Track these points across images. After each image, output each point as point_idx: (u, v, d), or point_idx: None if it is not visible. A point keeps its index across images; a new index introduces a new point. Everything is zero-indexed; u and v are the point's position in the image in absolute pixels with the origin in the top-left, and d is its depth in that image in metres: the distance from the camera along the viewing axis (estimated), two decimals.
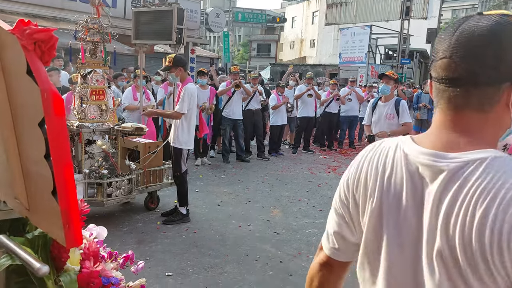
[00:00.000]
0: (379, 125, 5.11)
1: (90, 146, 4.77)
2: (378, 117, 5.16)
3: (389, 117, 5.01)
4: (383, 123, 5.07)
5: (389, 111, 5.06)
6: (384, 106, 5.15)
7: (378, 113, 5.17)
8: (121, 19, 13.62)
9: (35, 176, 0.99)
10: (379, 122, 5.13)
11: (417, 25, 27.88)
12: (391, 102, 5.12)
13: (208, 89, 8.13)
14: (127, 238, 4.50)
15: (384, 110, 5.11)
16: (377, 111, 5.19)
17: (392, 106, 5.08)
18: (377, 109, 5.20)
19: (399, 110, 5.01)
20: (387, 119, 5.04)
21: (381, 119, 5.11)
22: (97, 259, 1.23)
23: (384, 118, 5.06)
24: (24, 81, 0.90)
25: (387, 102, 5.15)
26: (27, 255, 0.99)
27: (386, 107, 5.11)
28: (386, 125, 5.03)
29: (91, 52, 4.78)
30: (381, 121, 5.10)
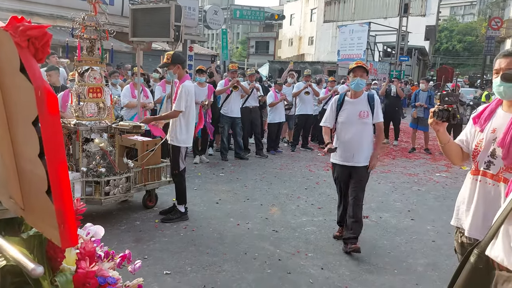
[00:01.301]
0: (350, 126, 4.28)
1: (87, 144, 4.75)
2: (347, 117, 4.30)
3: (363, 115, 4.25)
4: (355, 123, 4.26)
5: (362, 108, 4.28)
6: (354, 103, 4.31)
7: (348, 112, 4.31)
8: (119, 17, 13.59)
9: (30, 175, 0.97)
10: (350, 122, 4.28)
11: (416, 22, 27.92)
12: (363, 97, 4.33)
13: (206, 87, 8.10)
14: (125, 236, 4.48)
15: (355, 108, 4.28)
16: (346, 110, 4.32)
17: (365, 102, 4.30)
18: (345, 107, 4.33)
19: (374, 106, 4.30)
20: (360, 117, 4.26)
21: (352, 119, 4.27)
22: (93, 259, 1.22)
23: (357, 117, 4.26)
24: (18, 78, 0.88)
25: (357, 99, 4.32)
26: (22, 256, 0.97)
27: (358, 104, 4.29)
28: (359, 125, 4.26)
29: (88, 49, 4.75)
30: (352, 121, 4.27)
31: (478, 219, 2.22)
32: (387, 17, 28.55)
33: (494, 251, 1.68)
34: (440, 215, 5.63)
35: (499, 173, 2.14)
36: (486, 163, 2.20)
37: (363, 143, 4.27)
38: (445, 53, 56.90)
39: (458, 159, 2.45)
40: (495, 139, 2.18)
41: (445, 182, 7.51)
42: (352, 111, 4.28)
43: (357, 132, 4.24)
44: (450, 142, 2.41)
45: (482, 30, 49.25)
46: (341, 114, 4.33)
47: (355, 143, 4.24)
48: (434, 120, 2.29)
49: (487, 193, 2.19)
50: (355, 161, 4.26)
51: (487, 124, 2.25)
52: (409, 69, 27.91)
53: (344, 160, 4.30)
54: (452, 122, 2.29)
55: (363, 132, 4.27)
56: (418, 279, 3.84)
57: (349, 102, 4.34)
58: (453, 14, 68.62)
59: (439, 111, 2.26)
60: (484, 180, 2.20)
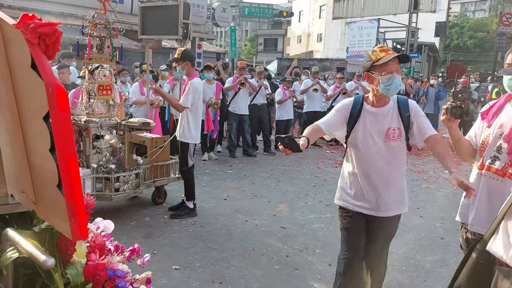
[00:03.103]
0: (371, 152, 2.61)
1: (98, 141, 4.80)
2: (366, 137, 2.61)
3: (392, 134, 2.57)
4: (379, 147, 2.59)
5: (391, 123, 2.58)
6: (378, 114, 2.62)
7: (367, 129, 2.61)
8: (128, 15, 13.66)
9: (41, 169, 1.00)
10: (370, 146, 2.61)
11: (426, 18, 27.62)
12: (391, 106, 2.62)
13: (214, 84, 8.13)
14: (135, 232, 4.53)
15: (380, 123, 2.60)
16: (364, 125, 2.62)
17: (394, 113, 2.60)
18: (362, 121, 2.63)
19: (411, 119, 2.58)
20: (387, 139, 2.57)
21: (374, 141, 2.60)
22: (103, 252, 1.24)
23: (383, 138, 2.58)
24: (29, 75, 0.90)
25: (383, 108, 2.61)
26: (34, 248, 1.00)
27: (383, 116, 2.61)
28: (386, 152, 2.59)
29: (98, 47, 4.79)
30: (374, 144, 2.60)
31: (482, 214, 2.22)
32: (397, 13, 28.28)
33: (494, 246, 1.69)
34: (449, 212, 5.59)
35: (504, 168, 2.14)
36: (491, 158, 2.20)
37: (394, 179, 2.63)
38: (456, 50, 56.29)
39: (469, 155, 2.44)
40: (501, 134, 2.17)
41: None
42: (374, 128, 2.57)
43: (383, 162, 2.58)
44: (462, 139, 2.41)
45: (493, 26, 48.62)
46: (355, 131, 2.62)
47: (380, 180, 2.61)
48: (446, 116, 2.29)
49: (491, 188, 2.19)
50: (382, 209, 2.64)
51: (494, 120, 2.25)
52: (419, 65, 27.66)
53: (361, 206, 2.67)
54: (465, 119, 2.28)
55: (393, 161, 2.60)
56: (426, 276, 3.84)
57: (369, 113, 2.60)
58: (464, 10, 67.80)
59: (452, 108, 2.26)
60: (489, 175, 2.20)
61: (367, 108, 2.64)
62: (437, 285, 3.69)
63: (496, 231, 1.69)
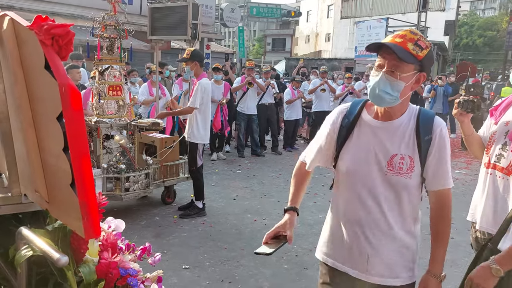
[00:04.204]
0: (363, 186, 1.76)
1: (108, 141, 4.84)
2: (357, 162, 1.77)
3: (397, 165, 1.70)
4: (376, 180, 1.74)
5: (398, 147, 1.72)
6: (381, 131, 1.76)
7: (361, 151, 1.77)
8: (137, 16, 13.75)
9: (54, 169, 1.01)
10: (362, 176, 1.76)
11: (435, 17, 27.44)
12: (404, 121, 1.75)
13: (222, 85, 8.15)
14: (145, 231, 4.56)
15: (380, 144, 1.74)
16: (358, 145, 1.78)
17: (408, 132, 1.73)
18: (356, 137, 1.80)
19: (432, 147, 1.71)
20: (391, 170, 1.71)
21: (369, 170, 1.74)
22: (115, 250, 1.26)
23: (385, 168, 1.72)
24: (43, 75, 0.92)
25: (390, 122, 1.76)
26: (47, 246, 1.01)
27: (388, 135, 1.74)
28: (385, 189, 1.74)
29: (108, 48, 4.83)
30: (369, 174, 1.74)
31: (489, 213, 2.20)
32: (406, 12, 28.12)
33: (506, 245, 1.67)
34: (459, 212, 5.54)
35: (510, 166, 2.11)
36: (497, 156, 2.17)
37: (395, 233, 1.77)
38: (465, 49, 55.81)
39: (481, 152, 2.42)
40: (507, 132, 2.15)
41: (465, 179, 7.39)
42: (371, 151, 1.74)
43: (380, 207, 1.74)
44: (474, 134, 2.39)
45: (503, 25, 48.11)
46: (344, 152, 1.80)
47: (374, 231, 1.77)
48: (458, 110, 2.27)
49: (496, 187, 2.16)
50: (375, 272, 1.79)
51: (501, 117, 2.23)
52: None
53: (347, 265, 1.85)
54: (476, 114, 2.26)
55: (396, 208, 1.75)
56: None
57: (368, 127, 1.78)
58: (474, 8, 67.23)
59: (464, 102, 2.24)
60: (494, 173, 2.17)
61: (366, 120, 1.76)
62: (447, 285, 3.65)
63: (507, 230, 1.68)
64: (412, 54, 1.60)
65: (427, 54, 1.63)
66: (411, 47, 1.60)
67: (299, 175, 2.07)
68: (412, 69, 1.63)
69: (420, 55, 1.61)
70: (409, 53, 1.60)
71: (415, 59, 1.61)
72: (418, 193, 1.78)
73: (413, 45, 1.61)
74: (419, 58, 1.61)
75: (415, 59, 1.61)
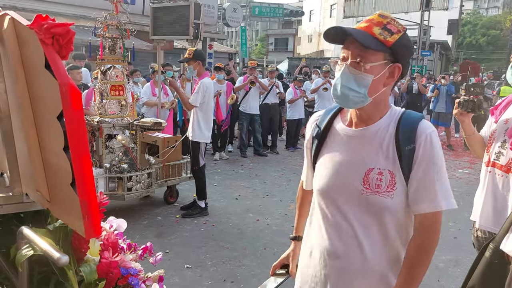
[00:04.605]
0: (330, 213, 1.48)
1: (110, 141, 4.85)
2: (327, 177, 1.47)
3: (377, 184, 1.38)
4: (351, 201, 1.42)
5: (378, 161, 1.39)
6: (354, 140, 1.45)
7: (334, 163, 1.46)
8: (140, 16, 13.77)
9: (55, 168, 1.01)
10: (332, 197, 1.46)
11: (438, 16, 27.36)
12: (382, 127, 1.42)
13: (225, 84, 8.16)
14: (147, 231, 4.56)
15: (353, 156, 1.43)
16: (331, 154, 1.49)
17: (386, 141, 1.39)
18: (328, 147, 1.52)
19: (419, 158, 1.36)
20: (368, 190, 1.38)
21: (343, 190, 1.44)
22: (116, 250, 1.26)
23: (360, 186, 1.40)
24: (43, 75, 0.92)
25: (365, 128, 1.43)
26: (48, 246, 1.01)
27: (363, 146, 1.42)
28: (361, 211, 1.42)
29: (110, 48, 4.84)
30: (342, 194, 1.44)
31: (489, 211, 2.20)
32: (408, 11, 28.07)
33: (508, 245, 1.67)
34: (463, 212, 5.52)
35: (509, 163, 2.11)
36: (496, 154, 2.18)
37: (372, 267, 1.42)
38: (468, 48, 55.65)
39: (483, 151, 2.42)
40: (506, 129, 2.15)
41: (469, 179, 7.37)
42: (343, 164, 1.45)
43: (355, 235, 1.42)
44: (475, 133, 2.39)
45: (507, 24, 47.99)
46: (317, 167, 1.55)
47: (345, 266, 1.44)
48: (459, 110, 2.28)
49: (496, 184, 2.16)
50: None
51: (502, 115, 2.23)
52: (431, 64, 27.42)
53: None
54: (477, 113, 2.27)
55: (375, 236, 1.42)
56: (440, 275, 3.80)
57: (339, 137, 1.49)
58: (477, 7, 67.01)
59: (464, 102, 2.25)
60: (494, 171, 2.18)
61: (338, 128, 1.48)
62: (450, 285, 3.65)
63: (509, 229, 1.67)
64: (378, 40, 1.31)
65: (398, 39, 1.33)
66: (377, 32, 1.32)
67: (300, 197, 1.85)
68: (381, 58, 1.33)
69: (389, 41, 1.32)
70: (375, 38, 1.31)
71: (382, 46, 1.31)
72: (406, 217, 1.42)
73: (380, 29, 1.32)
74: (388, 45, 1.32)
75: (382, 45, 1.31)
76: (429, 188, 1.35)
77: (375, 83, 1.34)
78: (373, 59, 1.32)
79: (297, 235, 1.85)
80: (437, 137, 1.39)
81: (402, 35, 1.34)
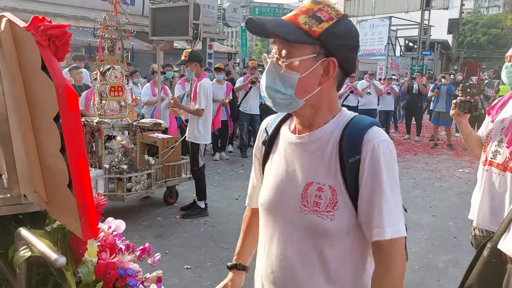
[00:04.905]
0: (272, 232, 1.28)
1: (110, 141, 4.85)
2: (272, 190, 1.27)
3: (316, 202, 1.16)
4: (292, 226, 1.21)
5: (317, 174, 1.17)
6: (297, 152, 1.22)
7: (279, 175, 1.26)
8: (140, 16, 13.77)
9: (53, 169, 1.01)
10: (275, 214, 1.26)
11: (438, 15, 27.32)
12: (328, 132, 1.18)
13: (224, 85, 8.16)
14: (147, 232, 4.56)
15: (296, 167, 1.22)
16: (277, 164, 1.28)
17: (328, 152, 1.17)
18: (275, 156, 1.31)
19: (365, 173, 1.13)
20: (306, 208, 1.17)
21: (283, 206, 1.23)
22: (114, 251, 1.26)
23: (300, 204, 1.18)
24: (40, 76, 0.92)
25: (307, 135, 1.21)
26: (45, 247, 1.02)
27: (306, 155, 1.20)
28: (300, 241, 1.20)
29: (109, 49, 4.84)
30: (284, 213, 1.23)
31: (486, 210, 2.22)
32: (409, 11, 28.02)
33: (506, 244, 1.67)
34: (462, 211, 5.54)
35: (505, 162, 2.13)
36: (493, 153, 2.20)
37: None
38: (469, 47, 55.62)
39: (480, 151, 2.44)
40: (503, 128, 2.17)
41: (469, 178, 7.37)
42: (283, 178, 1.24)
43: (295, 260, 1.21)
44: (472, 134, 2.41)
45: (508, 22, 47.98)
46: (264, 179, 1.34)
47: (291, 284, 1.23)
48: (456, 111, 2.30)
49: (492, 183, 2.19)
50: None
51: (498, 115, 2.25)
52: (432, 63, 27.41)
53: None
54: (473, 113, 2.29)
55: (315, 263, 1.18)
56: (439, 275, 3.80)
57: (284, 144, 1.27)
58: (477, 6, 66.97)
59: (461, 102, 2.27)
60: (491, 169, 2.20)
61: (284, 134, 1.28)
62: (450, 285, 3.65)
63: (507, 229, 1.68)
64: (302, 30, 1.08)
65: (328, 29, 1.07)
66: (302, 21, 1.08)
67: (248, 217, 1.62)
68: (308, 52, 1.09)
69: (315, 31, 1.07)
70: (299, 29, 1.08)
71: (307, 37, 1.07)
72: (356, 245, 1.17)
73: (307, 18, 1.08)
74: (314, 35, 1.07)
75: (307, 36, 1.07)
76: (374, 211, 1.10)
77: (304, 82, 1.11)
78: (298, 54, 1.09)
79: (237, 262, 1.57)
80: (388, 146, 1.12)
81: (335, 23, 1.09)
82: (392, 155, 1.13)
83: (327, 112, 1.18)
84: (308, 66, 1.09)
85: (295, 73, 1.10)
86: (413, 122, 11.33)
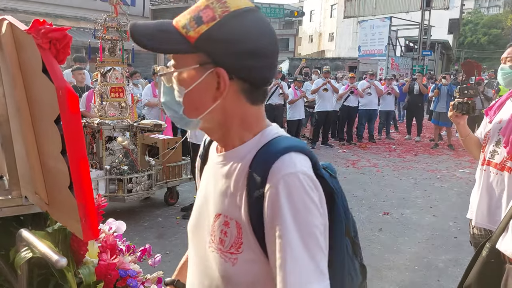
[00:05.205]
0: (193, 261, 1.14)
1: (110, 142, 4.86)
2: (198, 215, 1.07)
3: (221, 239, 0.92)
4: (201, 254, 1.02)
5: (225, 205, 0.93)
6: (217, 171, 0.97)
7: (205, 200, 1.02)
8: (140, 17, 13.77)
9: (53, 171, 1.02)
10: (197, 241, 1.07)
11: (439, 15, 27.33)
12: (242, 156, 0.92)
13: None
14: (148, 232, 4.57)
15: (210, 195, 0.98)
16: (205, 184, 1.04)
17: (239, 179, 0.90)
18: (204, 176, 1.06)
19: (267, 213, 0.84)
20: (213, 244, 0.94)
21: (202, 234, 1.02)
22: (114, 252, 1.27)
23: (209, 238, 0.96)
24: (40, 79, 0.93)
25: (226, 153, 0.96)
26: (47, 248, 1.02)
27: (220, 180, 0.95)
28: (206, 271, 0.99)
29: (110, 50, 4.85)
30: (203, 244, 1.00)
31: (484, 209, 2.25)
32: (409, 11, 28.06)
33: (504, 244, 1.68)
34: (463, 211, 5.51)
35: (503, 162, 2.15)
36: (491, 153, 2.23)
37: None
38: (470, 47, 55.57)
39: (479, 152, 2.45)
40: (500, 129, 2.19)
41: (469, 178, 7.37)
42: (203, 204, 1.03)
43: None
44: (470, 135, 2.43)
45: (508, 23, 47.96)
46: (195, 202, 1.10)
47: None
48: (453, 113, 2.32)
49: (490, 183, 2.22)
50: None
51: (496, 115, 2.27)
52: (432, 63, 27.40)
53: None
54: (471, 115, 2.31)
55: None
56: (440, 275, 3.80)
57: (209, 163, 1.05)
58: (478, 6, 66.92)
59: (459, 104, 2.30)
60: (489, 169, 2.23)
61: (211, 153, 1.05)
62: (450, 285, 3.65)
63: (505, 229, 1.69)
64: (181, 35, 0.86)
65: (206, 33, 0.83)
66: (182, 24, 0.87)
67: None
68: (190, 62, 0.87)
69: (191, 36, 0.85)
70: (179, 34, 0.86)
71: (185, 44, 0.85)
72: None
73: (188, 20, 0.87)
74: (191, 41, 0.84)
75: (185, 43, 0.85)
76: (278, 268, 0.82)
77: (191, 97, 0.89)
78: (180, 64, 0.88)
79: (176, 278, 1.38)
80: (300, 183, 0.83)
81: (217, 25, 0.83)
82: (305, 195, 0.83)
83: (242, 131, 0.93)
84: (193, 79, 0.87)
85: (180, 87, 0.89)
86: (414, 123, 11.33)
